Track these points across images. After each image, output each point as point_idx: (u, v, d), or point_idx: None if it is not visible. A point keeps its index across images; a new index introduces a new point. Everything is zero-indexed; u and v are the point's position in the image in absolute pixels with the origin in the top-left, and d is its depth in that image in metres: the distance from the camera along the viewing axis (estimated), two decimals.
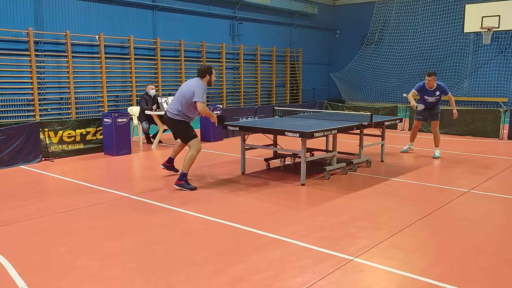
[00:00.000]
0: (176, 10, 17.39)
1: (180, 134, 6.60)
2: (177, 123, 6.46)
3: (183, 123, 6.46)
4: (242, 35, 19.93)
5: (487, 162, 8.36)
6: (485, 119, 11.53)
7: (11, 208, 5.47)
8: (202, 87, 6.33)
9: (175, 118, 6.41)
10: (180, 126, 6.49)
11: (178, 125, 6.50)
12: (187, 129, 6.48)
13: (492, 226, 4.90)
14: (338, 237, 4.47)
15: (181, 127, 6.50)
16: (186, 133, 6.48)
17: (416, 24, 22.45)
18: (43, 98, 13.84)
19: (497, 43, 20.27)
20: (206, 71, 6.47)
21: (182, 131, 6.52)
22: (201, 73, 6.46)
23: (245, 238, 4.47)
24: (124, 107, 15.27)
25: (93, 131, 9.16)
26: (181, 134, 6.58)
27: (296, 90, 23.20)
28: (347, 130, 7.29)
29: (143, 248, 4.20)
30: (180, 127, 6.50)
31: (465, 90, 21.04)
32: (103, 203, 5.68)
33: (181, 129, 6.53)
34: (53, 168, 7.80)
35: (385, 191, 6.29)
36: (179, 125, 6.49)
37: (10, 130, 7.86)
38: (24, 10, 13.38)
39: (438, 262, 3.90)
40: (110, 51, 15.33)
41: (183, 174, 6.30)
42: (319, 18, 24.35)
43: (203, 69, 6.50)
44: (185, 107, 6.34)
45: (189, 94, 6.29)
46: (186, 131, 6.48)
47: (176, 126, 6.53)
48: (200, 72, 6.47)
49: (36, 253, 4.10)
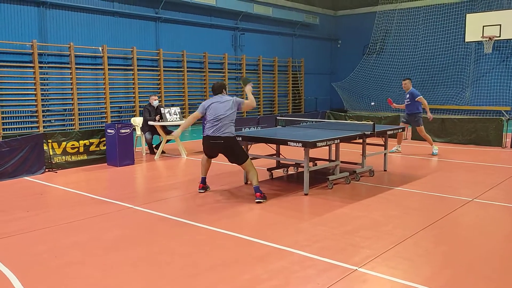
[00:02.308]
0: (178, 22, 17.53)
1: (238, 155, 6.37)
2: (236, 142, 6.37)
3: (237, 141, 6.46)
4: (244, 45, 20.05)
5: (490, 171, 8.34)
6: (487, 128, 11.52)
7: (15, 219, 5.49)
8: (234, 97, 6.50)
9: (233, 135, 6.29)
10: (238, 145, 6.40)
11: (236, 144, 6.37)
12: (241, 147, 6.48)
13: (497, 235, 4.88)
14: (342, 246, 4.46)
15: (238, 146, 6.41)
16: (243, 152, 6.43)
17: (417, 33, 22.55)
18: (46, 110, 13.93)
19: (498, 52, 20.32)
20: (223, 86, 6.61)
21: (240, 150, 6.40)
22: (219, 89, 6.54)
23: (248, 248, 4.46)
24: (127, 118, 15.34)
25: (96, 142, 9.20)
26: (239, 155, 6.37)
27: (298, 100, 23.26)
28: (349, 140, 7.29)
29: (146, 259, 4.20)
30: (238, 146, 6.39)
31: (467, 99, 21.06)
32: (106, 214, 5.69)
33: (239, 148, 6.39)
34: (57, 179, 7.83)
35: (389, 200, 6.28)
36: (237, 144, 6.39)
37: (14, 141, 7.90)
38: (28, 23, 13.52)
39: (442, 272, 3.88)
40: (113, 63, 15.44)
41: (258, 187, 6.23)
42: (321, 28, 24.49)
43: (220, 85, 6.59)
44: (233, 124, 6.32)
45: (234, 107, 6.32)
46: (242, 150, 6.44)
47: (235, 145, 6.35)
48: (218, 88, 6.54)
49: (40, 264, 4.11)
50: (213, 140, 6.25)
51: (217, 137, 6.22)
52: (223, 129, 6.20)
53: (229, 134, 6.22)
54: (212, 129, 6.23)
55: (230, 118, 6.26)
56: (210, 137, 6.27)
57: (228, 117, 6.25)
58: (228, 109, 6.27)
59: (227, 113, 6.25)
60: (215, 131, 6.21)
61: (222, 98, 6.41)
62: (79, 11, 14.61)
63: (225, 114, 6.24)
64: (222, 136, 6.20)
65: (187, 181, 7.58)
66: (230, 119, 6.26)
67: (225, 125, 6.21)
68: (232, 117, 6.29)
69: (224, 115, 6.23)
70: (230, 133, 6.23)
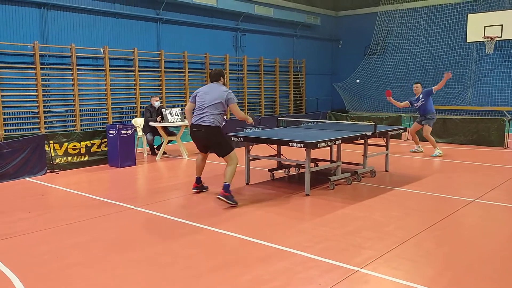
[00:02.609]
0: (179, 23, 17.54)
1: (220, 146, 6.05)
2: (217, 132, 6.01)
3: (221, 131, 6.09)
4: (246, 46, 20.05)
5: (492, 171, 8.32)
6: (489, 128, 11.50)
7: (17, 220, 5.49)
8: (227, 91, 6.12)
9: (214, 125, 5.95)
10: (220, 135, 6.05)
11: (218, 134, 6.03)
12: (226, 138, 6.13)
13: (499, 236, 4.86)
14: (343, 247, 4.45)
15: (221, 136, 6.06)
16: (226, 143, 6.07)
17: (418, 33, 22.53)
18: (48, 111, 13.94)
19: (500, 52, 20.30)
20: (220, 73, 6.22)
21: (223, 141, 6.06)
22: (215, 77, 6.21)
23: (250, 249, 4.45)
24: (129, 119, 15.35)
25: (97, 143, 9.21)
26: (221, 146, 6.05)
27: (299, 100, 23.25)
28: (351, 140, 7.28)
29: (148, 260, 4.20)
30: (220, 136, 6.05)
31: (469, 100, 21.03)
32: (108, 215, 5.69)
33: (221, 139, 6.06)
34: (58, 180, 7.83)
35: (390, 201, 6.27)
36: (219, 134, 6.04)
37: (16, 142, 7.91)
38: (30, 24, 13.54)
39: (444, 272, 3.87)
40: (114, 64, 15.45)
41: (228, 186, 5.94)
42: (322, 29, 24.49)
43: (216, 73, 6.23)
44: (219, 114, 6.00)
45: (221, 98, 5.98)
46: (225, 141, 6.09)
47: (216, 135, 6.03)
48: (214, 76, 6.21)
49: (41, 265, 4.10)
50: (195, 128, 6.06)
51: (198, 125, 6.01)
52: (205, 118, 5.96)
53: (210, 123, 5.93)
54: (196, 117, 6.04)
55: (215, 107, 5.95)
56: (193, 125, 6.09)
57: (213, 106, 5.95)
58: (216, 99, 5.98)
59: (213, 102, 5.96)
60: (198, 119, 6.01)
61: (214, 87, 6.14)
62: (80, 12, 14.62)
63: (211, 103, 5.96)
64: (203, 124, 5.96)
65: (188, 182, 7.57)
66: (216, 109, 5.95)
67: (208, 114, 5.94)
68: (219, 107, 5.98)
69: (209, 103, 5.96)
70: (211, 123, 5.94)
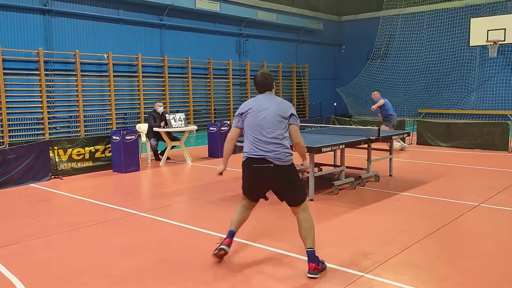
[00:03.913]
0: (183, 28, 17.62)
1: (294, 189, 4.07)
2: (291, 170, 4.05)
3: (294, 169, 4.10)
4: (249, 51, 20.11)
5: (496, 175, 8.29)
6: (493, 132, 11.46)
7: (21, 226, 5.51)
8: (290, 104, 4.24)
9: (286, 164, 4.01)
10: (294, 174, 4.08)
11: (291, 173, 4.05)
12: (298, 178, 4.13)
13: (505, 240, 4.84)
14: (348, 252, 4.44)
15: (295, 175, 4.09)
16: (299, 185, 4.11)
17: (421, 38, 22.54)
18: (52, 117, 14.01)
19: (503, 56, 20.27)
20: (273, 79, 4.28)
21: (297, 182, 4.09)
22: (268, 85, 4.23)
23: (254, 254, 4.45)
24: (133, 125, 15.39)
25: (101, 148, 9.24)
26: (296, 189, 4.08)
27: (302, 105, 23.26)
28: (355, 145, 7.28)
29: (153, 266, 4.20)
30: (294, 176, 4.07)
31: (473, 103, 20.99)
32: (112, 221, 5.69)
33: (295, 179, 4.07)
34: (63, 186, 7.86)
35: (394, 205, 6.26)
36: (292, 173, 4.06)
37: (20, 148, 7.94)
38: (34, 31, 13.63)
39: (449, 278, 3.86)
40: (118, 69, 15.53)
41: (314, 253, 3.97)
42: (325, 33, 24.53)
43: (270, 79, 4.23)
44: (283, 141, 4.02)
45: (283, 114, 4.06)
46: (299, 182, 4.11)
47: (289, 175, 4.04)
48: (267, 85, 4.21)
49: (46, 271, 4.11)
50: (257, 164, 4.03)
51: (262, 159, 3.99)
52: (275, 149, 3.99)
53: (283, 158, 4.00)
54: (256, 147, 4.04)
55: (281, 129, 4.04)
56: (251, 159, 4.07)
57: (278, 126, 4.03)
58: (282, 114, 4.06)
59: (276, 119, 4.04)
60: (261, 150, 4.01)
61: (276, 99, 4.18)
62: (84, 19, 14.71)
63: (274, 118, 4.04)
64: (271, 159, 3.98)
65: (192, 187, 7.59)
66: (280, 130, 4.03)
67: (278, 143, 3.99)
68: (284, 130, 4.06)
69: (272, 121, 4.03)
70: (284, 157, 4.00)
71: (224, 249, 4.22)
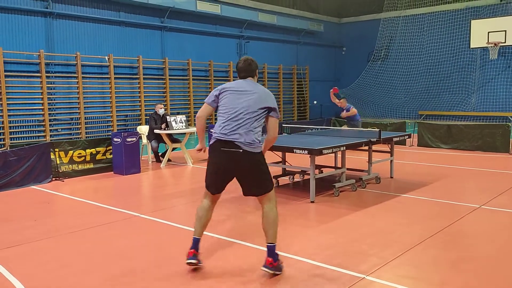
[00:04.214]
0: (184, 31, 17.65)
1: (262, 178, 3.98)
2: (258, 159, 3.94)
3: (263, 157, 4.03)
4: (249, 53, 20.13)
5: (497, 177, 8.29)
6: (494, 134, 11.46)
7: (22, 228, 5.51)
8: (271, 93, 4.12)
9: (255, 151, 3.88)
10: (262, 164, 3.99)
11: (259, 163, 3.94)
12: (268, 169, 4.04)
13: (506, 242, 4.83)
14: (349, 254, 4.43)
15: (263, 165, 3.99)
16: (269, 177, 4.04)
17: (422, 40, 22.55)
18: (53, 119, 14.02)
19: (504, 58, 20.28)
20: (256, 66, 4.17)
21: (264, 172, 3.99)
22: (251, 72, 4.11)
23: (255, 256, 4.44)
24: (134, 127, 15.40)
25: (102, 150, 9.24)
26: (262, 179, 3.99)
27: (303, 107, 23.27)
28: (355, 147, 7.28)
29: (154, 268, 4.20)
30: (262, 165, 3.98)
31: (473, 105, 20.99)
32: (113, 223, 5.70)
33: (264, 167, 3.98)
34: (64, 188, 7.86)
35: (395, 207, 6.25)
36: (260, 162, 3.96)
37: (22, 150, 7.95)
38: (36, 33, 13.66)
39: (451, 280, 3.85)
40: (119, 72, 15.54)
41: (274, 249, 3.94)
42: (325, 35, 24.55)
43: (253, 65, 4.11)
44: (257, 129, 3.95)
45: (262, 104, 3.94)
46: (267, 173, 4.02)
47: (257, 165, 3.93)
48: (249, 71, 4.10)
49: (47, 273, 4.11)
50: (225, 147, 3.90)
51: (231, 142, 3.87)
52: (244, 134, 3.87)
53: (252, 145, 3.89)
54: (227, 129, 3.92)
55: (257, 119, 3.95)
56: (220, 141, 3.93)
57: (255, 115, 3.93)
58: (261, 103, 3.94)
59: (256, 109, 3.92)
60: (231, 132, 3.89)
61: (255, 86, 4.05)
62: (85, 21, 14.74)
63: (253, 110, 3.91)
64: (240, 143, 3.85)
65: (193, 189, 7.59)
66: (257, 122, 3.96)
67: (248, 129, 3.89)
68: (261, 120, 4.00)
69: (250, 111, 3.91)
70: (253, 144, 3.89)
71: (192, 263, 4.01)
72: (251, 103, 3.93)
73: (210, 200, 4.14)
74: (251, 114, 3.90)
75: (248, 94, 3.96)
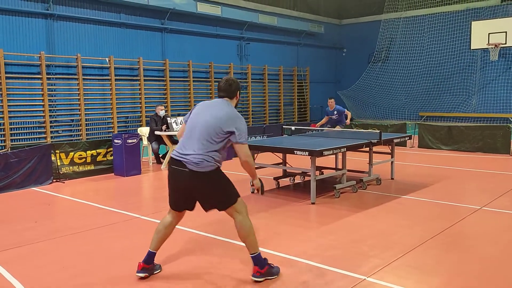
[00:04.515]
0: (184, 32, 17.66)
1: (217, 196, 3.83)
2: (210, 177, 3.73)
3: (217, 174, 3.78)
4: (250, 55, 20.13)
5: (498, 178, 8.28)
6: (495, 135, 11.46)
7: (23, 229, 5.51)
8: (241, 117, 3.89)
9: (203, 170, 3.68)
10: (215, 181, 3.78)
11: (210, 180, 3.74)
12: (226, 182, 3.86)
13: (506, 244, 4.83)
14: (350, 256, 4.43)
15: (217, 182, 3.79)
16: (227, 190, 3.86)
17: (422, 41, 22.55)
18: (54, 120, 14.02)
19: (504, 59, 20.27)
20: (238, 87, 4.04)
21: (220, 189, 3.82)
22: (230, 92, 3.98)
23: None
24: (134, 128, 15.40)
25: (103, 152, 9.25)
26: (219, 195, 3.83)
27: (304, 108, 23.27)
28: (356, 148, 7.28)
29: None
30: (215, 182, 3.78)
31: (474, 107, 20.97)
32: (113, 224, 5.70)
33: (218, 186, 3.80)
34: (64, 190, 7.86)
35: (396, 209, 6.25)
36: (213, 180, 3.75)
37: (22, 152, 7.96)
38: (36, 35, 13.67)
39: (452, 281, 3.85)
40: (120, 73, 15.54)
41: (258, 256, 3.85)
42: (326, 37, 24.56)
43: (230, 84, 3.98)
44: (215, 148, 3.75)
45: (221, 126, 3.74)
46: (225, 187, 3.85)
47: (209, 183, 3.74)
48: (228, 92, 3.98)
49: (48, 275, 4.11)
50: (175, 165, 3.81)
51: (179, 161, 3.76)
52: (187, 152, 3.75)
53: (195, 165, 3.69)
54: (179, 149, 3.84)
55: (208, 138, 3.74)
56: (172, 160, 3.85)
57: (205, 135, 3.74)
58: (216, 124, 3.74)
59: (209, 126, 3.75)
60: (181, 153, 3.79)
61: (223, 106, 3.89)
62: (86, 23, 14.75)
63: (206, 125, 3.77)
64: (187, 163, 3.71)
65: None
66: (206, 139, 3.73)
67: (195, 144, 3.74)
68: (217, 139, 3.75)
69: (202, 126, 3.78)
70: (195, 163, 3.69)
71: (141, 277, 3.95)
72: (210, 120, 3.76)
73: (172, 217, 4.06)
74: (206, 132, 3.74)
75: (212, 111, 3.83)
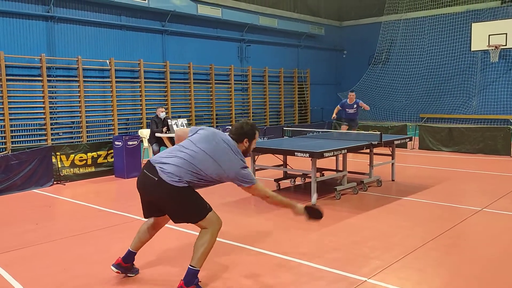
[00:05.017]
0: (185, 34, 17.68)
1: (181, 211, 3.66)
2: (177, 192, 3.56)
3: (186, 190, 3.60)
4: (250, 57, 20.15)
5: (498, 180, 8.28)
6: (495, 136, 11.45)
7: (24, 232, 5.51)
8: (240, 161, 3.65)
9: (171, 182, 3.53)
10: (181, 196, 3.60)
11: (176, 195, 3.57)
12: (195, 198, 3.69)
13: (507, 245, 4.82)
14: (351, 257, 4.43)
15: (183, 198, 3.61)
16: (194, 207, 3.67)
17: (423, 43, 22.56)
18: (55, 123, 14.03)
19: (505, 61, 20.27)
20: (246, 135, 3.77)
21: (186, 204, 3.64)
22: (237, 135, 3.75)
23: (256, 260, 4.44)
24: (135, 130, 15.41)
25: (104, 154, 9.25)
26: (182, 211, 3.66)
27: (304, 110, 23.28)
28: (357, 150, 7.28)
29: (155, 271, 4.20)
30: (181, 199, 3.60)
31: (474, 108, 20.97)
32: (114, 226, 5.70)
33: (183, 202, 3.62)
34: (65, 192, 7.87)
35: (397, 210, 6.25)
36: (178, 195, 3.58)
37: (23, 154, 7.96)
38: (37, 37, 13.69)
39: (453, 283, 3.84)
40: (120, 75, 15.56)
41: (195, 273, 3.64)
42: (326, 39, 24.58)
43: (242, 131, 3.75)
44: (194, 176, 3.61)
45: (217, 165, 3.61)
46: (191, 204, 3.66)
47: (174, 197, 3.58)
48: (235, 134, 3.76)
49: (49, 277, 4.11)
50: (147, 170, 3.72)
51: (153, 168, 3.65)
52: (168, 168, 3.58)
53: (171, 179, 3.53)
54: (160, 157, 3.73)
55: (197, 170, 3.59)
56: (146, 165, 3.78)
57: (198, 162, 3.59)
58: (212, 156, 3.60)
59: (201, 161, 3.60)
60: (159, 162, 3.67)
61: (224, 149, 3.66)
62: (86, 25, 14.77)
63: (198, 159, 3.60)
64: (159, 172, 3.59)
65: None
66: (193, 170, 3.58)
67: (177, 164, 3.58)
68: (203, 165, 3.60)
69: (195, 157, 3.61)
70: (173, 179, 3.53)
71: (113, 270, 3.96)
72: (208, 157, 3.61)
73: (150, 222, 4.08)
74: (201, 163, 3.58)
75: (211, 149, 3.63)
